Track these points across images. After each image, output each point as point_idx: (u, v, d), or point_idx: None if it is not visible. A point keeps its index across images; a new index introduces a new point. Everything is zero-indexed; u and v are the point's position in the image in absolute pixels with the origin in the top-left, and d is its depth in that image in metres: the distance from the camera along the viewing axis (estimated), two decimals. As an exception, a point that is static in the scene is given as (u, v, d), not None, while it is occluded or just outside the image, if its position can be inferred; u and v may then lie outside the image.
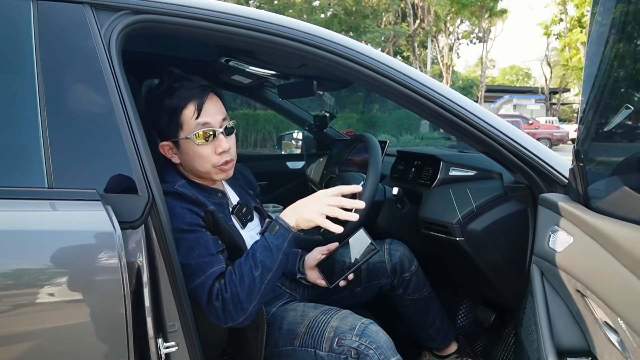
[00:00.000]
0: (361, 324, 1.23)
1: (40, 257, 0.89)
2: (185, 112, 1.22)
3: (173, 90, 1.22)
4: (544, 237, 1.16)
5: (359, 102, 14.13)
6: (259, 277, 1.13)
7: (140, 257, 0.99)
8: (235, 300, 1.12)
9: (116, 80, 1.03)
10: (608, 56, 1.11)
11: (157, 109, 1.23)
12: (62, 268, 0.90)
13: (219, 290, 1.13)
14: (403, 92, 1.26)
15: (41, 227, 0.91)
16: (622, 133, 1.13)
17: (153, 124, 1.25)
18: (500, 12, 22.40)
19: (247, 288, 1.13)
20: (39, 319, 0.90)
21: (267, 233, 1.19)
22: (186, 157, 1.26)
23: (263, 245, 1.16)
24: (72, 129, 0.99)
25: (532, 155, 1.31)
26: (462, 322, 1.96)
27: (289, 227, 1.17)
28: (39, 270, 0.89)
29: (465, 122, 1.28)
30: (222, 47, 1.79)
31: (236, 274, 1.14)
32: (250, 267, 1.14)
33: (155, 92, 1.25)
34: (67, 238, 0.91)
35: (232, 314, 1.13)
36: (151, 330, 0.99)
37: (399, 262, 1.60)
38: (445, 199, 1.55)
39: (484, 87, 24.91)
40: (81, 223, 0.94)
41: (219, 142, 1.24)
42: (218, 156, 1.25)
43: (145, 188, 1.01)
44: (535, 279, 1.15)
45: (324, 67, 1.28)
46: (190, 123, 1.22)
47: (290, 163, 2.97)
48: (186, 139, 1.23)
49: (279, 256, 1.15)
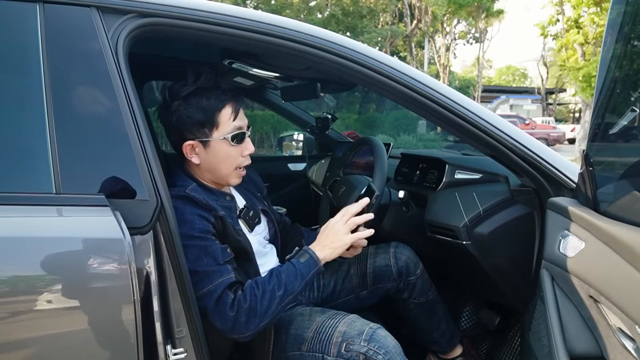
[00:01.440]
0: (369, 328, 1.22)
1: (49, 263, 0.88)
2: (224, 112, 1.23)
3: (208, 90, 1.23)
4: (554, 242, 1.16)
5: (356, 103, 14.17)
6: (279, 298, 1.15)
7: (148, 262, 0.98)
8: (251, 314, 1.13)
9: (123, 83, 1.02)
10: (617, 59, 1.11)
11: (190, 107, 1.22)
12: (71, 274, 0.89)
13: (237, 300, 1.13)
14: (411, 96, 1.25)
15: (49, 233, 0.90)
16: (632, 136, 1.13)
17: (181, 121, 1.23)
18: (497, 12, 22.40)
19: (266, 305, 1.14)
20: (50, 325, 0.89)
21: (295, 259, 1.22)
22: (213, 157, 1.25)
23: (290, 269, 1.20)
24: (79, 134, 0.98)
25: (539, 158, 1.30)
26: (466, 324, 1.95)
27: (318, 260, 1.22)
28: (48, 277, 0.88)
29: (473, 126, 1.27)
30: (226, 49, 1.77)
31: (259, 289, 1.15)
32: (274, 287, 1.16)
33: (186, 90, 1.23)
34: (76, 244, 0.90)
35: (242, 326, 1.13)
36: (160, 336, 0.98)
37: (404, 266, 1.59)
38: (451, 202, 1.54)
39: (480, 87, 24.95)
40: (90, 229, 0.93)
41: (246, 144, 1.29)
42: (243, 158, 1.29)
43: (154, 193, 1.00)
44: (546, 284, 1.14)
45: (330, 70, 1.27)
46: (227, 124, 1.23)
47: (291, 165, 2.95)
48: (222, 140, 1.24)
49: (302, 285, 1.19)
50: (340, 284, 1.61)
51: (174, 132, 1.26)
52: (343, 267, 1.63)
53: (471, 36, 26.77)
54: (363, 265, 1.62)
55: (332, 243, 1.25)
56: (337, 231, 1.26)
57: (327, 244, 1.25)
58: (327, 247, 1.24)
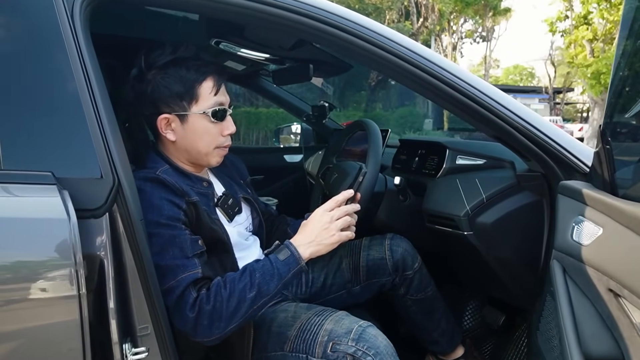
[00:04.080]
0: (358, 327, 1.10)
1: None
2: (205, 85, 1.14)
3: (187, 60, 1.13)
4: (566, 229, 1.03)
5: (362, 102, 14.15)
6: (251, 300, 1.02)
7: (103, 250, 0.86)
8: (215, 317, 1.00)
9: (80, 51, 0.91)
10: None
11: (168, 77, 1.12)
12: (3, 263, 0.77)
13: (198, 300, 1.01)
14: (395, 63, 1.12)
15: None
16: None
17: (157, 91, 1.13)
18: (504, 10, 22.33)
19: (233, 307, 1.01)
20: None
21: (273, 255, 1.08)
22: (190, 134, 1.15)
23: (266, 267, 1.06)
24: (24, 104, 0.86)
25: (549, 139, 1.18)
26: (468, 324, 1.84)
27: (300, 258, 1.08)
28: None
29: (472, 101, 1.14)
30: (210, 26, 1.66)
31: (226, 288, 1.03)
32: (245, 286, 1.03)
33: (164, 59, 1.12)
34: (10, 227, 0.78)
35: (205, 329, 1.01)
36: (115, 334, 0.87)
37: (401, 259, 1.48)
38: (451, 189, 1.43)
39: (487, 86, 24.74)
40: (30, 210, 0.81)
41: (227, 123, 1.19)
42: (224, 137, 1.19)
43: (110, 171, 0.88)
44: (557, 276, 1.01)
45: (319, 42, 1.15)
46: (208, 98, 1.14)
47: (287, 156, 2.84)
48: (201, 114, 1.14)
49: (279, 285, 1.05)
50: (331, 278, 1.49)
51: (148, 104, 1.15)
52: (334, 260, 1.51)
53: (478, 35, 26.65)
54: (356, 258, 1.50)
55: (318, 238, 1.11)
56: (324, 225, 1.12)
57: (312, 239, 1.11)
58: (312, 244, 1.11)
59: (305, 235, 1.12)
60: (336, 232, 1.12)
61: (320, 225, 1.12)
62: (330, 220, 1.12)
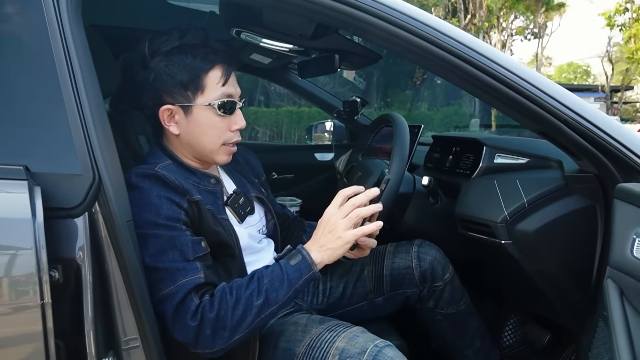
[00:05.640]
0: (374, 346, 0.97)
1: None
2: (212, 74, 1.06)
3: (195, 47, 1.05)
4: (624, 243, 0.86)
5: (407, 101, 14.00)
6: (258, 308, 0.93)
7: (80, 254, 0.78)
8: (219, 326, 0.92)
9: (64, 39, 0.83)
10: None
11: (172, 64, 1.04)
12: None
13: (201, 307, 0.92)
14: (421, 46, 0.97)
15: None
16: None
17: (160, 80, 1.05)
18: (557, 5, 21.53)
19: (239, 316, 0.92)
20: None
21: (283, 261, 0.98)
22: (195, 127, 1.07)
23: (275, 273, 0.97)
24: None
25: (604, 135, 1.02)
26: (508, 341, 1.67)
27: (313, 264, 0.98)
28: None
29: (513, 89, 0.99)
30: (230, 16, 1.58)
31: (232, 295, 0.94)
32: (252, 293, 0.94)
33: (170, 45, 1.04)
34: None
35: (208, 340, 0.92)
36: (93, 347, 0.78)
37: (429, 269, 1.33)
38: (488, 192, 1.28)
39: (539, 85, 23.93)
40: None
41: (236, 117, 1.10)
42: (232, 133, 1.10)
43: (90, 167, 0.80)
44: (612, 299, 0.85)
45: (360, 34, 1.02)
46: (215, 89, 1.06)
47: (318, 155, 2.74)
48: (206, 106, 1.06)
49: (289, 293, 0.95)
50: (351, 288, 1.37)
51: (151, 93, 1.07)
52: (355, 267, 1.38)
53: (529, 32, 25.80)
54: (379, 266, 1.36)
55: (330, 242, 1.00)
56: (335, 226, 1.00)
57: (324, 243, 1.00)
58: (325, 248, 0.99)
59: (318, 239, 1.02)
60: (343, 233, 0.99)
61: (330, 228, 1.01)
62: (340, 227, 1.00)
